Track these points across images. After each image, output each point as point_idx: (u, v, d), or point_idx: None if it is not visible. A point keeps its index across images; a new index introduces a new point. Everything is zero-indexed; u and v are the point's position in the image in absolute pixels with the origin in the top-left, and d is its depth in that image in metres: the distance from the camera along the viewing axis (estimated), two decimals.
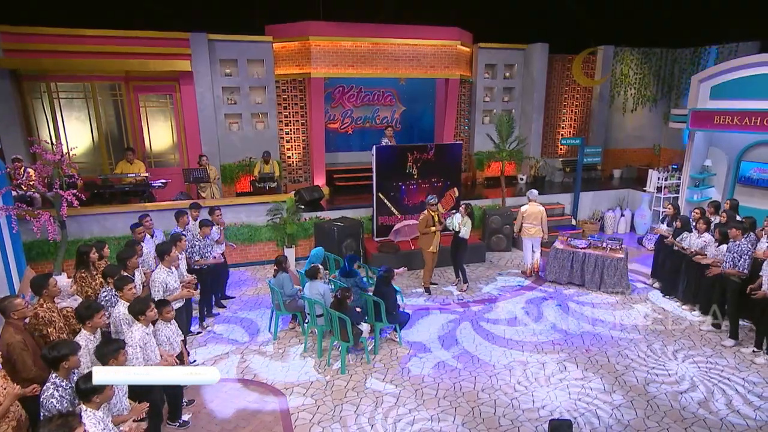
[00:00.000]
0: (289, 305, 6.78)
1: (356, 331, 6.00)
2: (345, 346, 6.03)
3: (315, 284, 6.36)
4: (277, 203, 9.41)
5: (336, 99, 13.18)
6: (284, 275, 6.73)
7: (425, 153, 9.95)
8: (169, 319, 4.79)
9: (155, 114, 10.56)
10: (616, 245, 8.44)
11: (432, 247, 8.21)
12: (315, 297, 6.26)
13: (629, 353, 6.43)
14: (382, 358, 6.36)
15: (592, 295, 8.24)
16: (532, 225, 8.83)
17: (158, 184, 9.30)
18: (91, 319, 4.08)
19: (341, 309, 5.89)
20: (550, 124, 13.77)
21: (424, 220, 8.14)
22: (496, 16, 13.67)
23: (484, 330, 7.09)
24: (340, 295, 5.91)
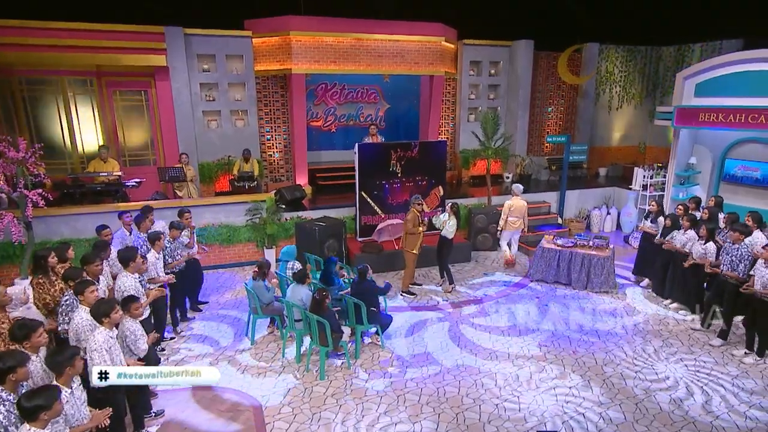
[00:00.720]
0: (266, 309, 6.51)
1: (335, 334, 5.75)
2: (324, 350, 5.78)
3: (299, 289, 6.09)
4: (257, 203, 9.12)
5: (319, 96, 12.90)
6: (260, 282, 6.43)
7: (409, 151, 9.74)
8: (137, 316, 4.52)
9: (130, 111, 10.20)
10: (602, 244, 8.31)
11: (416, 248, 8.00)
12: (295, 301, 6.01)
13: (617, 354, 6.29)
14: (363, 362, 6.13)
15: (578, 295, 8.11)
16: (516, 218, 9.03)
17: (132, 183, 8.95)
18: (27, 339, 3.64)
19: (319, 311, 5.64)
20: (535, 122, 13.67)
21: (412, 219, 7.92)
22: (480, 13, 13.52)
23: (468, 332, 6.89)
24: (318, 296, 5.66)
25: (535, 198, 11.62)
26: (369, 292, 6.27)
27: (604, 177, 13.91)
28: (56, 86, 9.44)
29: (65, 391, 3.46)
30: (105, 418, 3.67)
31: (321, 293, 5.68)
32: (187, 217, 7.23)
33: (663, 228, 7.80)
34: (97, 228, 6.41)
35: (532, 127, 13.49)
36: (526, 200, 9.37)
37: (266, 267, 6.48)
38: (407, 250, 8.05)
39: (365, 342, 6.59)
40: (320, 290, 5.73)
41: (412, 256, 8.05)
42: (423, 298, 8.07)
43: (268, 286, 6.55)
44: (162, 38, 9.67)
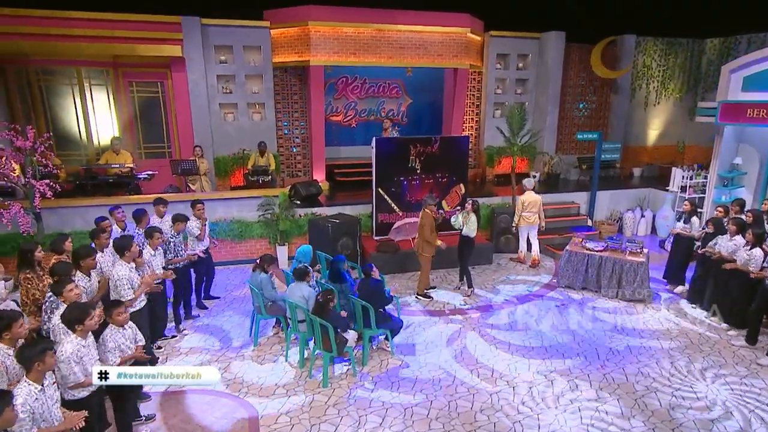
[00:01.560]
0: (270, 308, 6.17)
1: (340, 339, 5.36)
2: (328, 356, 5.40)
3: (299, 286, 5.75)
4: (269, 198, 8.82)
5: (339, 90, 12.55)
6: (263, 276, 6.11)
7: (429, 146, 9.27)
8: (120, 323, 4.20)
9: (146, 103, 10.07)
10: (636, 248, 7.66)
11: (431, 251, 7.53)
12: (297, 300, 5.65)
13: (651, 371, 5.68)
14: (371, 369, 5.72)
15: (608, 303, 7.49)
16: (531, 213, 8.83)
17: (144, 176, 8.79)
18: (8, 330, 3.47)
19: (323, 314, 5.26)
20: (565, 119, 12.96)
21: (429, 223, 7.41)
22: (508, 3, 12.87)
23: (486, 340, 6.39)
24: (321, 299, 5.27)
25: (563, 198, 10.97)
26: (376, 291, 5.85)
27: (638, 177, 13.10)
28: (72, 76, 9.37)
29: (35, 387, 3.19)
30: (79, 421, 3.38)
31: (326, 295, 5.29)
32: (200, 208, 6.97)
33: (706, 234, 7.11)
34: (97, 220, 6.20)
35: (561, 124, 12.78)
36: (555, 203, 8.83)
37: (269, 261, 6.14)
38: (421, 254, 7.60)
39: (374, 347, 6.18)
40: (325, 292, 5.35)
41: (427, 259, 7.60)
42: (438, 302, 7.61)
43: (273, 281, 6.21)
44: (179, 28, 9.48)
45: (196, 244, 6.93)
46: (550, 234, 9.95)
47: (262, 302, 6.10)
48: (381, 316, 5.89)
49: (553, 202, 10.77)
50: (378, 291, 5.87)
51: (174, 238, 6.30)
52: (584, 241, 8.11)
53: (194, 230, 6.77)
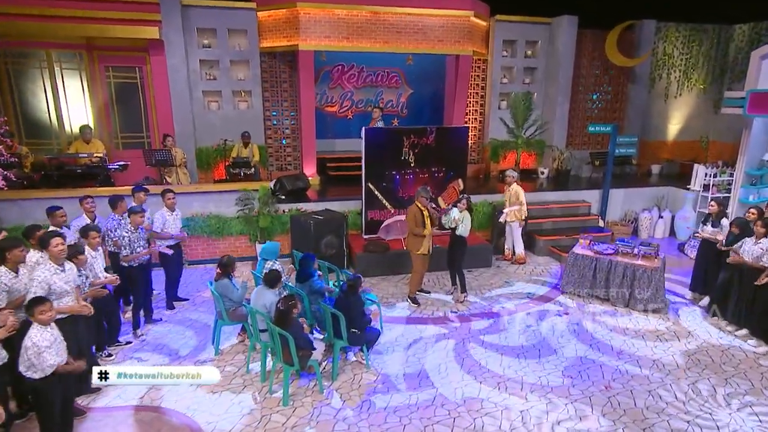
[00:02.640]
0: (233, 314, 5.62)
1: (303, 352, 4.77)
2: (289, 370, 4.82)
3: (265, 293, 5.18)
4: (248, 191, 8.27)
5: (335, 79, 11.98)
6: (225, 281, 5.55)
7: (424, 137, 8.65)
8: (45, 321, 3.70)
9: (123, 89, 9.60)
10: (650, 252, 6.94)
11: (422, 249, 6.91)
12: (258, 308, 5.09)
13: (664, 394, 5.00)
14: (341, 385, 5.13)
15: (618, 313, 6.79)
16: None
17: (116, 166, 8.31)
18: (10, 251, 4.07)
19: (284, 324, 4.67)
20: (577, 111, 12.20)
21: (412, 216, 6.86)
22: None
23: (476, 352, 5.76)
24: (282, 306, 4.69)
25: (573, 197, 10.25)
26: (355, 309, 5.24)
27: (657, 175, 12.31)
28: (43, 59, 8.92)
29: None
30: None
31: (287, 302, 4.71)
32: (170, 197, 6.50)
33: (728, 235, 6.38)
34: (49, 209, 5.70)
35: (573, 117, 12.03)
36: (564, 201, 8.18)
37: (230, 264, 5.59)
38: (412, 252, 6.99)
39: (349, 359, 5.59)
40: (287, 298, 4.76)
41: (418, 258, 6.98)
42: (428, 308, 6.99)
43: (237, 284, 5.67)
44: (157, 9, 8.97)
45: (169, 242, 6.50)
46: (557, 235, 9.27)
47: (223, 307, 5.55)
48: (353, 335, 5.26)
49: (562, 201, 10.06)
50: (357, 309, 5.26)
51: (130, 233, 5.77)
52: (592, 243, 7.41)
53: (157, 223, 6.26)
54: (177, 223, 6.63)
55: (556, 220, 9.69)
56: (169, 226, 6.49)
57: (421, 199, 6.88)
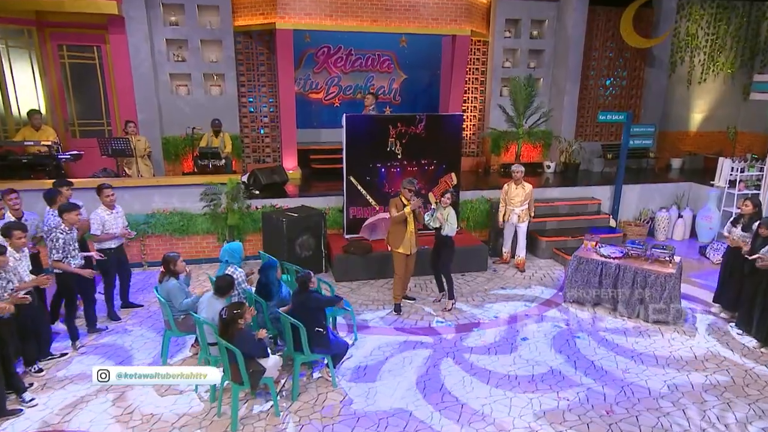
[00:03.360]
0: (183, 323, 5.28)
1: (254, 368, 4.42)
2: (238, 389, 4.47)
3: (216, 302, 4.83)
4: (214, 185, 7.92)
5: (320, 63, 11.65)
6: (172, 283, 5.22)
7: (413, 126, 8.27)
8: None
9: (80, 71, 9.28)
10: (664, 255, 6.55)
11: (402, 246, 6.55)
12: (208, 318, 4.75)
13: (677, 421, 4.62)
14: (301, 407, 4.78)
15: (627, 325, 6.41)
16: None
17: (67, 156, 7.99)
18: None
19: (228, 336, 4.32)
20: (588, 98, 11.80)
21: (393, 205, 6.51)
22: None
23: (461, 369, 5.39)
24: (226, 315, 4.34)
25: (581, 193, 9.86)
26: (312, 306, 4.90)
27: (677, 170, 11.91)
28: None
29: None
30: None
31: (231, 311, 4.35)
32: (108, 194, 6.17)
33: (754, 237, 5.96)
34: None
35: (583, 105, 11.63)
36: (571, 198, 7.79)
37: (173, 261, 5.26)
38: (393, 249, 6.63)
39: (314, 377, 5.24)
40: (232, 306, 4.41)
41: (399, 257, 6.62)
42: (411, 316, 6.63)
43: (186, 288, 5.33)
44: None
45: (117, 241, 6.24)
46: (562, 236, 8.88)
47: (171, 315, 5.21)
48: (318, 337, 4.93)
49: (569, 198, 9.68)
50: (313, 306, 4.91)
51: (64, 234, 5.43)
52: (599, 245, 7.02)
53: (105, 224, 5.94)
54: (118, 222, 6.28)
55: (562, 219, 9.31)
56: (109, 227, 6.14)
57: (405, 191, 6.52)
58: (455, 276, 7.81)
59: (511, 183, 8.08)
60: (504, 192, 8.15)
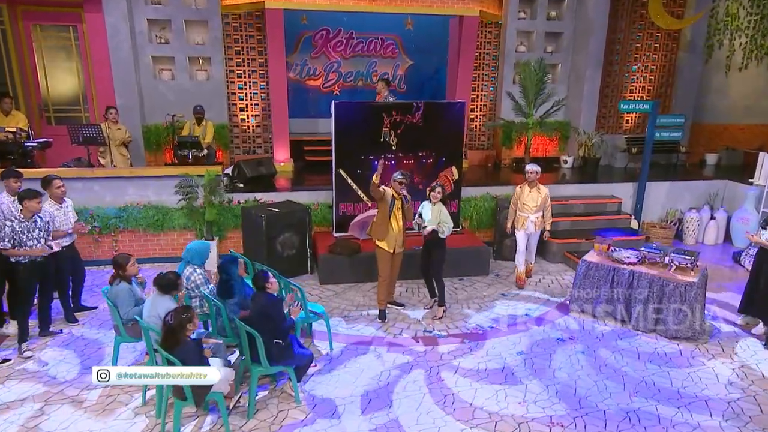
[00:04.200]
0: (132, 329, 5.02)
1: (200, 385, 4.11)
2: (181, 406, 4.17)
3: (160, 301, 4.59)
4: (189, 177, 7.68)
5: (318, 47, 11.39)
6: (122, 286, 4.97)
7: (408, 115, 7.90)
8: None
9: (55, 52, 9.18)
10: (685, 261, 6.05)
11: (387, 242, 6.19)
12: (151, 322, 4.48)
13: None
14: (256, 426, 4.46)
15: (640, 340, 5.94)
16: (526, 214, 7.29)
17: (33, 144, 7.84)
18: None
19: (171, 345, 4.02)
20: (612, 86, 11.27)
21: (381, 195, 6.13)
22: None
23: (443, 385, 5.01)
24: (172, 320, 4.04)
25: (599, 190, 9.36)
26: (269, 312, 4.57)
27: (712, 166, 11.30)
28: None
29: None
30: None
31: (178, 315, 4.05)
32: (57, 185, 5.94)
33: None
34: None
35: (606, 93, 11.12)
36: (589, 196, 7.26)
37: (125, 262, 5.00)
38: (377, 242, 6.26)
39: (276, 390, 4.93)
40: (178, 311, 4.11)
41: (383, 255, 6.25)
42: (397, 324, 6.27)
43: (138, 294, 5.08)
44: None
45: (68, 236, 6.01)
46: (576, 238, 8.41)
47: (119, 320, 4.96)
48: (277, 348, 4.61)
49: (586, 196, 9.19)
50: (272, 312, 4.59)
51: (20, 224, 5.23)
52: (612, 248, 6.55)
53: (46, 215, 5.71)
54: (69, 216, 6.03)
55: (576, 219, 8.83)
56: (59, 223, 5.89)
57: (396, 185, 6.14)
58: (451, 280, 7.52)
59: (524, 185, 7.21)
60: (516, 196, 7.29)
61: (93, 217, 7.65)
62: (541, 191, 7.14)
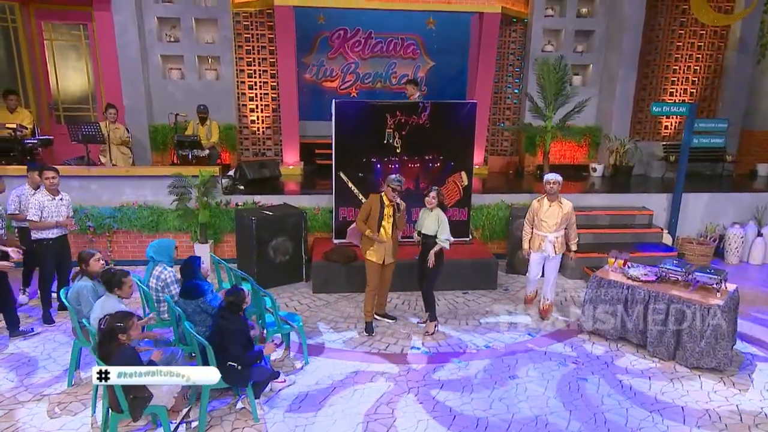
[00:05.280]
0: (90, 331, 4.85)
1: (135, 394, 3.87)
2: (117, 419, 3.94)
3: (108, 302, 4.41)
4: (182, 177, 7.55)
5: (335, 47, 11.21)
6: (84, 283, 4.82)
7: (414, 115, 7.55)
8: None
9: (65, 51, 9.34)
10: (712, 281, 5.41)
11: (374, 254, 5.85)
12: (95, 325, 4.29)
13: None
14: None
15: (656, 369, 5.33)
16: (544, 233, 6.27)
17: (34, 141, 7.94)
18: None
19: (105, 353, 3.80)
20: (648, 88, 10.54)
21: (367, 207, 5.84)
22: None
23: (419, 411, 4.59)
24: (105, 326, 3.82)
25: (628, 201, 8.71)
26: (233, 337, 4.29)
27: (764, 177, 10.40)
28: None
29: None
30: None
31: (112, 322, 3.82)
32: (48, 176, 5.90)
33: None
34: None
35: (642, 97, 10.41)
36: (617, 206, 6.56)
37: (86, 257, 4.86)
38: (366, 256, 5.93)
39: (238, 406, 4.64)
40: (113, 317, 3.88)
41: (372, 268, 5.91)
42: (384, 339, 5.90)
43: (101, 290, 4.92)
44: None
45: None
46: (598, 252, 7.77)
47: (77, 322, 4.80)
48: (230, 371, 4.31)
49: (613, 207, 8.55)
50: (235, 336, 4.30)
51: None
52: (628, 264, 5.96)
53: (44, 210, 5.72)
54: (62, 210, 6.00)
55: (601, 232, 8.19)
56: (49, 214, 5.86)
57: (389, 191, 5.80)
58: (455, 293, 7.13)
59: (542, 199, 6.26)
60: (533, 211, 6.30)
61: (87, 217, 7.64)
62: (563, 205, 6.14)
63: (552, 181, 6.11)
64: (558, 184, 6.11)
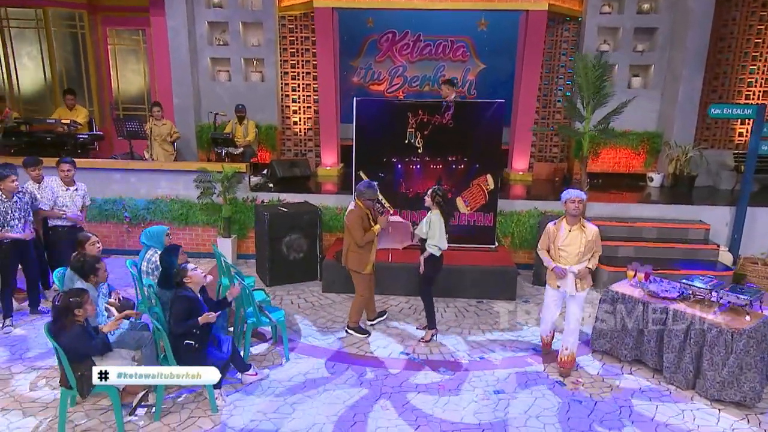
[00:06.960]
0: None
1: (82, 371, 3.91)
2: (66, 395, 4.01)
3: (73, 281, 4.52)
4: (207, 172, 7.75)
5: (383, 50, 11.14)
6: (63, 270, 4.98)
7: (437, 115, 7.26)
8: None
9: (126, 54, 9.98)
10: (740, 302, 4.64)
11: (369, 265, 5.69)
12: None
13: None
14: (157, 429, 4.16)
15: (672, 398, 4.65)
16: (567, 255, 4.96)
17: (84, 136, 8.52)
18: None
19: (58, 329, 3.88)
20: (720, 91, 9.45)
21: (358, 220, 5.52)
22: None
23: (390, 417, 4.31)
24: (60, 303, 3.92)
25: (682, 213, 7.80)
26: (180, 309, 4.26)
27: None
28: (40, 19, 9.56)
29: None
30: None
31: (67, 298, 3.91)
32: (62, 168, 6.24)
33: None
34: None
35: (712, 99, 9.34)
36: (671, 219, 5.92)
37: (83, 240, 5.02)
38: (352, 269, 5.73)
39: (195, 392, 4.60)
40: (68, 294, 3.96)
41: (361, 278, 5.71)
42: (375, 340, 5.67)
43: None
44: None
45: None
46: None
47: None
48: (187, 348, 4.28)
49: (663, 219, 7.71)
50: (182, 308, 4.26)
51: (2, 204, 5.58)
52: (651, 278, 5.28)
53: (57, 199, 6.05)
54: (76, 201, 6.28)
55: (644, 246, 7.40)
56: (62, 203, 6.17)
57: (366, 201, 5.63)
58: (468, 301, 6.70)
59: (560, 222, 5.00)
60: (549, 236, 5.06)
61: (125, 208, 8.05)
62: (586, 230, 4.86)
63: (576, 199, 4.78)
64: (581, 204, 4.86)
